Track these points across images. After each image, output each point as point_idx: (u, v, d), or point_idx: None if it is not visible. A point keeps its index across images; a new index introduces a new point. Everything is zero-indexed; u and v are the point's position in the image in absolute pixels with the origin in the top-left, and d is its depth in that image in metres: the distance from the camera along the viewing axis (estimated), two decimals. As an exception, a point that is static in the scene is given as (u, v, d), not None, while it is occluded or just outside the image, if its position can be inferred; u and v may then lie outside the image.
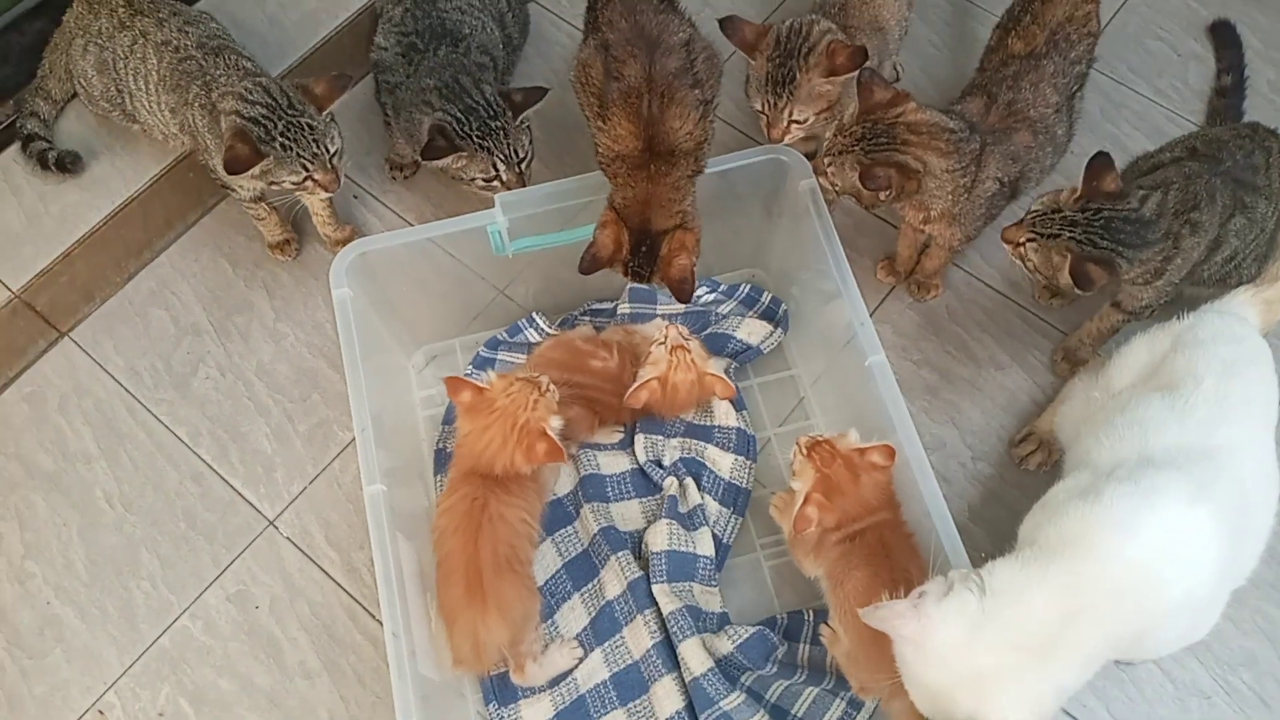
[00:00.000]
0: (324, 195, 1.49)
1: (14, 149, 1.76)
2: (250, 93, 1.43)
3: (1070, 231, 1.36)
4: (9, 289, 1.66)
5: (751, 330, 1.64)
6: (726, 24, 1.43)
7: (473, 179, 1.59)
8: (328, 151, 1.45)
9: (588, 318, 1.71)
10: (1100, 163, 1.36)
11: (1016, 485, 1.61)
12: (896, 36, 1.60)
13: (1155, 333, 1.41)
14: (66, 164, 1.71)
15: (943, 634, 1.06)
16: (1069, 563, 1.08)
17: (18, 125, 1.74)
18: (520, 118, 1.59)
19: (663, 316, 1.66)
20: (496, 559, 1.35)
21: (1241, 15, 1.96)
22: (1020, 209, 1.58)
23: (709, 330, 1.65)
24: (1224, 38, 1.94)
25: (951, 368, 1.71)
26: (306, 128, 1.42)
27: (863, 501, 1.34)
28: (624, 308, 1.67)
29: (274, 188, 1.48)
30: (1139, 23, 1.99)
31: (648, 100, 1.28)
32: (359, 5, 1.89)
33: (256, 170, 1.42)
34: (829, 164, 1.43)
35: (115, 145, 1.77)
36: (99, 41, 1.62)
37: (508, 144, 1.57)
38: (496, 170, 1.58)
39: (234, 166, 1.39)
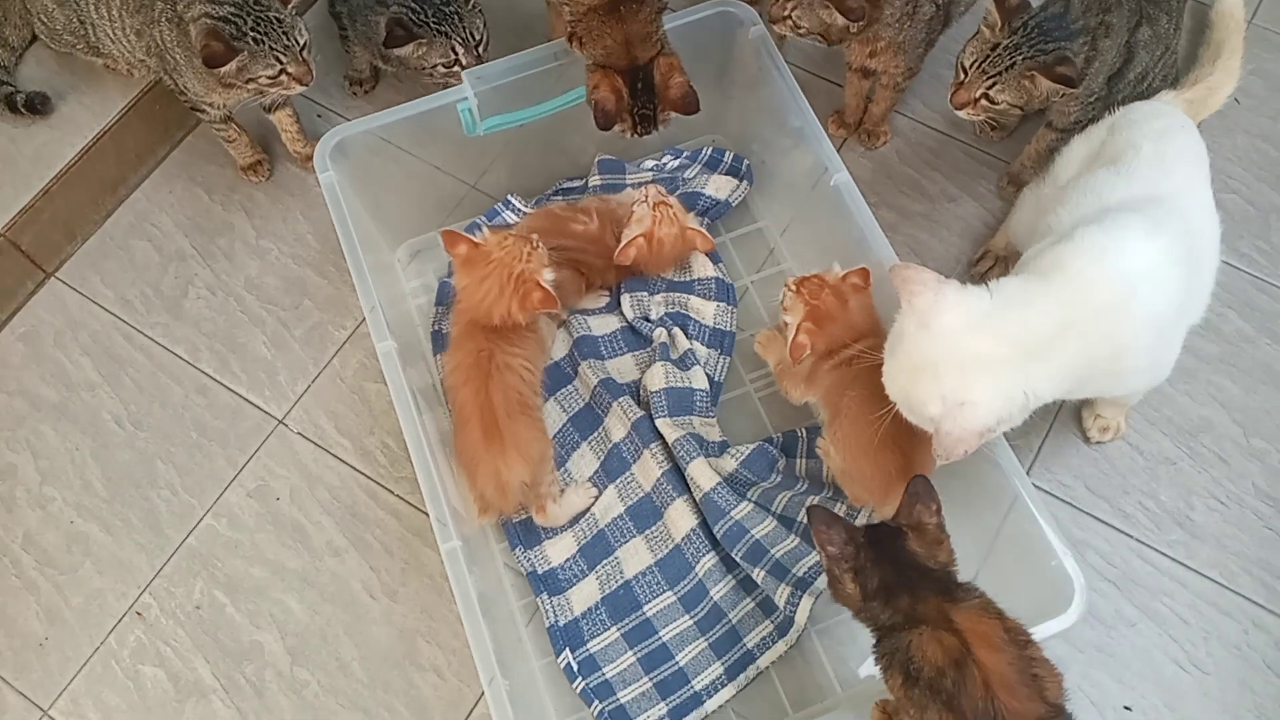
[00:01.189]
0: (298, 89, 1.54)
1: (-25, 99, 1.79)
2: (218, -3, 1.48)
3: (1021, 54, 1.45)
4: (-6, 228, 1.70)
5: (719, 186, 1.73)
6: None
7: (434, 65, 1.65)
8: (298, 44, 1.51)
9: (560, 196, 1.78)
10: None
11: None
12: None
13: (1090, 130, 1.53)
14: (36, 105, 1.74)
15: (951, 315, 1.17)
16: (1059, 284, 1.20)
17: (-22, 74, 1.77)
18: (472, 1, 1.66)
19: (632, 186, 1.75)
20: (509, 403, 1.43)
21: None
22: (953, 37, 1.70)
23: (678, 192, 1.73)
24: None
25: (907, 205, 1.81)
26: (275, 21, 1.48)
27: (851, 325, 1.43)
28: (594, 180, 1.75)
29: (250, 85, 1.53)
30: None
31: (608, -56, 1.36)
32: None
33: (233, 67, 1.47)
34: (792, 8, 1.50)
35: (79, 84, 1.80)
36: (55, -26, 1.66)
37: (464, 27, 1.64)
38: (456, 54, 1.64)
39: (212, 62, 1.45)
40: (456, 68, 1.66)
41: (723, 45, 1.67)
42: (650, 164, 1.78)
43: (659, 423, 1.53)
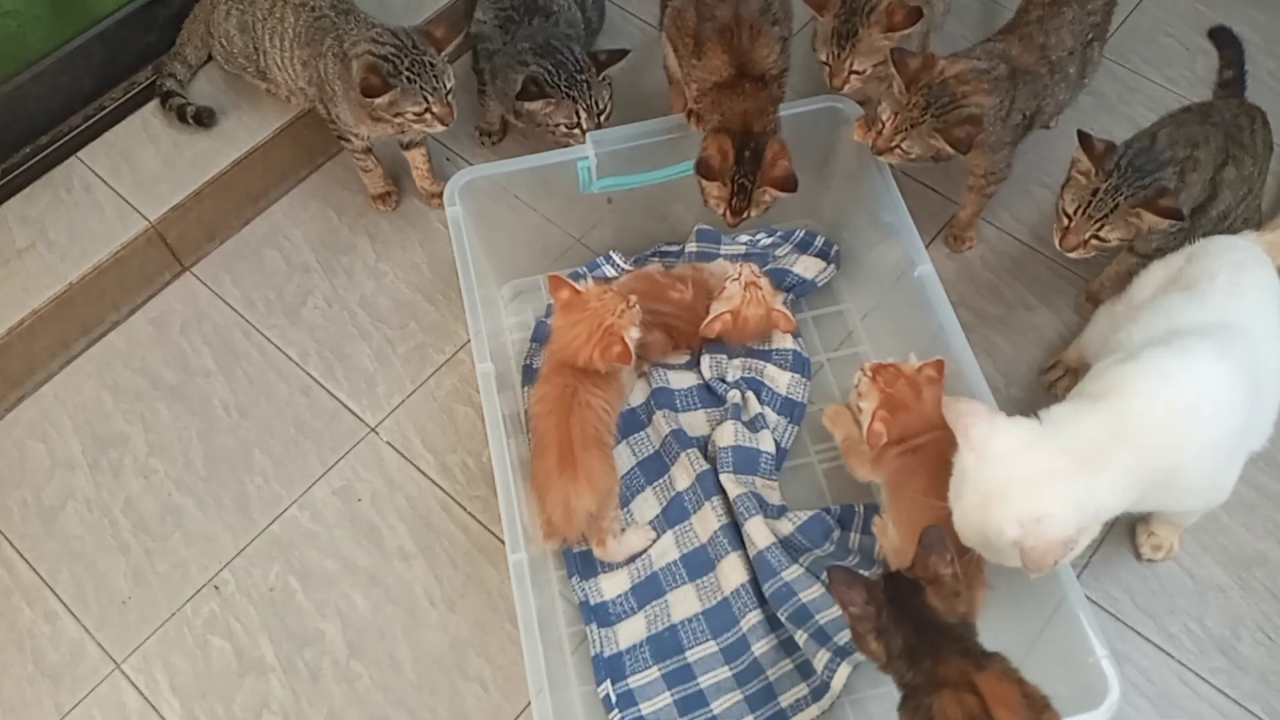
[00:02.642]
0: (439, 128, 1.70)
1: (152, 105, 2.00)
2: (381, 36, 1.66)
3: (1122, 194, 1.52)
4: (146, 219, 1.88)
5: (807, 266, 1.84)
6: (800, -18, 1.66)
7: (558, 124, 1.80)
8: (445, 87, 1.67)
9: (657, 258, 1.90)
10: (1084, 136, 1.55)
11: (1046, 408, 1.78)
12: (940, 11, 1.82)
13: (1170, 256, 1.60)
14: (203, 118, 1.94)
15: (1006, 440, 1.24)
16: (1113, 402, 1.26)
17: (157, 85, 1.98)
18: (603, 74, 1.81)
19: (725, 257, 1.86)
20: (585, 436, 1.53)
21: (1243, 15, 2.19)
22: (1043, 155, 1.79)
23: (768, 267, 1.84)
24: (1223, 39, 2.16)
25: (985, 308, 1.89)
26: (428, 65, 1.65)
27: (924, 416, 1.49)
28: (691, 247, 1.87)
29: (396, 119, 1.69)
30: (1150, 22, 2.22)
31: (738, 34, 1.51)
32: (458, -12, 2.14)
33: (385, 100, 1.64)
34: (900, 139, 1.59)
35: (242, 103, 2.00)
36: (240, 6, 1.87)
37: (590, 95, 1.79)
38: (578, 117, 1.79)
39: (369, 92, 1.62)
40: (577, 130, 1.81)
41: (827, 137, 1.79)
42: (745, 238, 1.89)
43: (723, 478, 1.61)
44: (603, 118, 1.84)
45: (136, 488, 1.77)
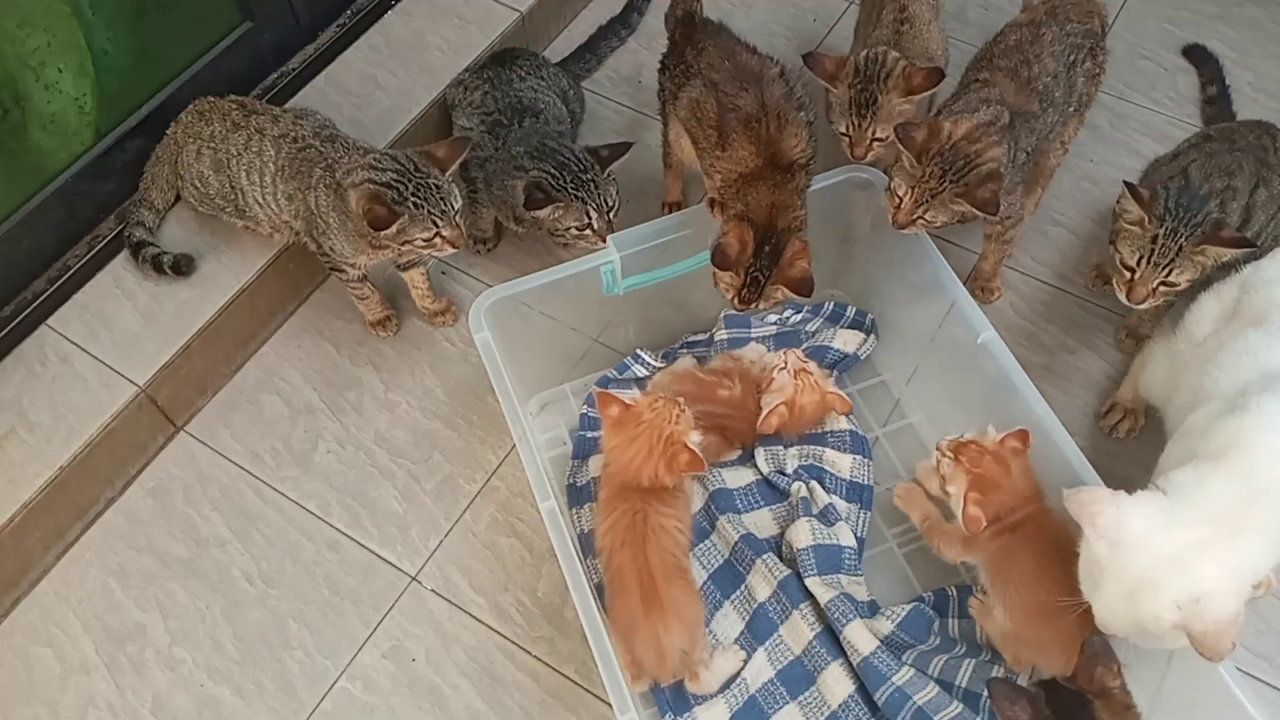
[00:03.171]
0: (450, 251, 1.60)
1: (122, 257, 1.85)
2: (380, 161, 1.55)
3: (1181, 235, 1.47)
4: (135, 383, 1.72)
5: (846, 340, 1.77)
6: (808, 58, 1.60)
7: (568, 228, 1.71)
8: (453, 209, 1.57)
9: (686, 349, 1.82)
10: (1130, 187, 1.51)
11: (1109, 453, 1.73)
12: (942, 66, 1.78)
13: (1218, 287, 1.56)
14: (181, 266, 1.79)
15: (1139, 521, 1.16)
16: (1235, 459, 1.20)
17: (126, 235, 1.84)
18: (608, 171, 1.73)
19: (756, 339, 1.78)
20: (665, 567, 1.42)
21: (1211, 32, 2.21)
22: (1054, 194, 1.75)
23: (804, 346, 1.77)
24: (1198, 56, 2.18)
25: (1026, 357, 1.83)
26: (434, 187, 1.55)
27: (1016, 491, 1.42)
28: (721, 334, 1.79)
29: (405, 247, 1.58)
30: (1124, 47, 2.22)
31: (764, 124, 1.43)
32: (429, 100, 2.04)
33: (393, 230, 1.52)
34: (922, 211, 1.54)
35: (219, 244, 1.87)
36: (212, 145, 1.74)
37: (599, 194, 1.70)
38: (589, 219, 1.70)
39: (377, 224, 1.50)
40: (589, 231, 1.72)
41: (848, 205, 1.73)
42: (773, 318, 1.82)
43: (809, 582, 1.51)
44: (612, 215, 1.75)
45: (164, 683, 1.60)
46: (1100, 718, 1.08)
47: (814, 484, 1.63)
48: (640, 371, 1.78)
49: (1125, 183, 1.50)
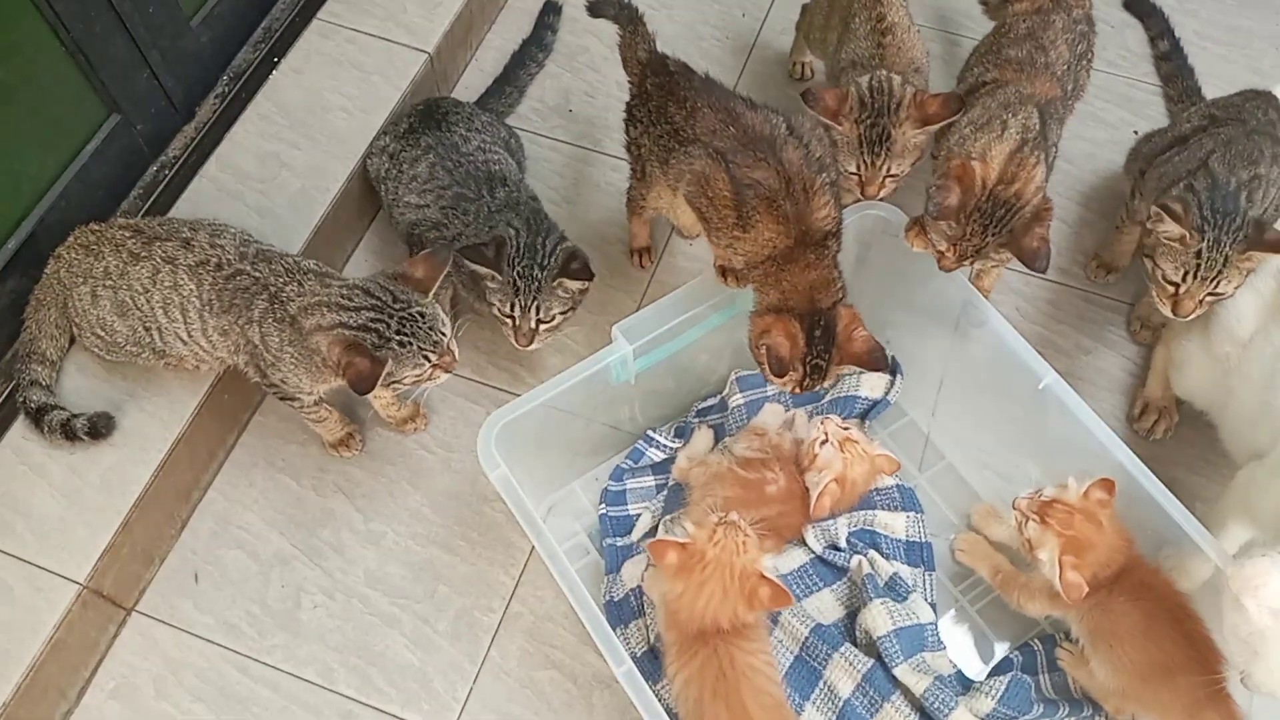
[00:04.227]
0: (444, 378, 1.37)
1: (19, 426, 1.54)
2: (351, 298, 1.30)
3: (1223, 244, 1.39)
4: (75, 581, 1.44)
5: (873, 385, 1.63)
6: (807, 95, 1.42)
7: (490, 304, 1.54)
8: (444, 335, 1.34)
9: (698, 420, 1.65)
10: (1166, 207, 1.41)
11: (1150, 457, 1.62)
12: (926, 76, 1.64)
13: (1252, 280, 1.49)
14: (100, 429, 1.50)
15: None
16: None
17: (20, 400, 1.53)
18: (558, 280, 1.52)
19: (773, 397, 1.63)
20: (766, 711, 1.27)
21: (1147, -19, 2.13)
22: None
23: (828, 398, 1.63)
24: (1141, 8, 2.10)
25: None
26: (418, 316, 1.31)
27: (1111, 547, 1.33)
28: (736, 399, 1.63)
29: (392, 386, 1.35)
30: (1065, 8, 2.12)
31: (789, 198, 1.26)
32: (346, 172, 1.77)
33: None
34: (979, 267, 1.46)
35: (137, 390, 1.58)
36: (110, 283, 1.45)
37: (534, 298, 1.51)
38: (512, 311, 1.53)
39: (363, 385, 1.26)
40: (506, 323, 1.55)
41: (860, 242, 1.58)
42: (787, 371, 1.67)
43: (898, 671, 1.39)
44: (539, 324, 1.55)
45: None
46: None
47: (872, 553, 1.51)
48: (657, 456, 1.61)
49: (1159, 204, 1.41)
